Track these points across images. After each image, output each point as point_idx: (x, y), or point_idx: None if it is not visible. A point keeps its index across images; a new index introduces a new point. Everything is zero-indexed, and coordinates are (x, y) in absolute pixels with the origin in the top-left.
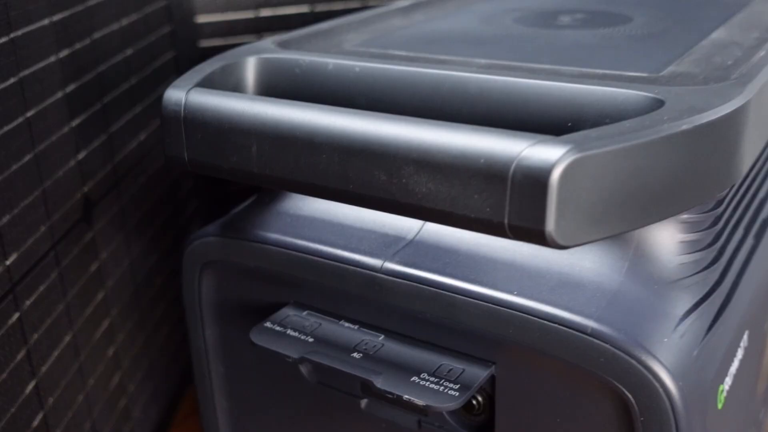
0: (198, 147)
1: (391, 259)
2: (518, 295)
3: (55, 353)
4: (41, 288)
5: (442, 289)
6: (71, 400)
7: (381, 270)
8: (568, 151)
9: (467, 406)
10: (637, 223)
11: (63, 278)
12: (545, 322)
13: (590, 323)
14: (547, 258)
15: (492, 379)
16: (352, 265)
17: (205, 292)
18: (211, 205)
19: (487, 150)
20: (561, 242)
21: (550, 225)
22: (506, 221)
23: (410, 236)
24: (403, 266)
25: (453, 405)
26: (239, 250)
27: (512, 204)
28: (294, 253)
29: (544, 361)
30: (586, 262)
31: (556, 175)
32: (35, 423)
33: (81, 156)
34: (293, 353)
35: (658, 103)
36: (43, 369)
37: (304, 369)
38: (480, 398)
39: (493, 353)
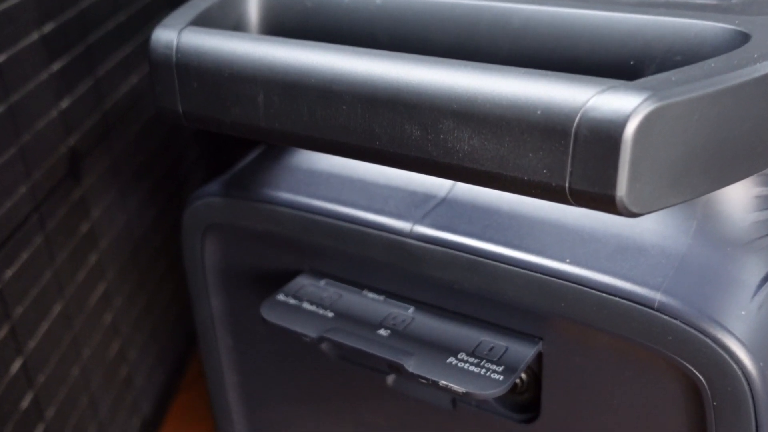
0: (194, 97)
1: (421, 222)
2: (571, 263)
3: (45, 326)
4: (24, 255)
5: (482, 257)
6: (65, 374)
7: (410, 234)
8: (646, 100)
9: None
10: (723, 182)
11: (50, 242)
12: (603, 294)
13: (657, 296)
14: (602, 219)
15: (538, 356)
16: (377, 229)
17: (209, 258)
18: (214, 153)
19: (545, 99)
20: (634, 209)
21: (622, 190)
22: (567, 185)
23: (442, 194)
24: (435, 230)
25: (497, 391)
26: (246, 212)
27: (575, 165)
28: (308, 215)
29: (599, 337)
30: (647, 222)
31: (631, 129)
32: (24, 404)
33: (64, 105)
34: (311, 332)
35: (743, 37)
36: (31, 345)
37: (323, 345)
38: (524, 375)
39: (540, 328)
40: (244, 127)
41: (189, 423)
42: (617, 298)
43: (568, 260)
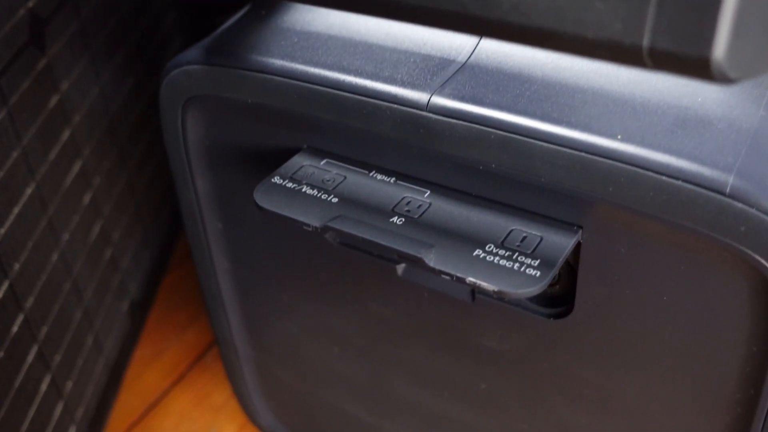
0: None
1: (440, 92)
2: (623, 140)
3: (15, 210)
4: None
5: (514, 132)
6: (43, 260)
7: (427, 107)
8: None
9: None
10: None
11: (13, 119)
12: (663, 177)
13: (729, 179)
14: (657, 85)
15: (576, 246)
16: (387, 101)
17: (191, 134)
18: (196, 15)
19: None
20: (732, 74)
21: (720, 49)
22: (647, 44)
23: (461, 58)
24: (456, 101)
25: (535, 289)
26: (232, 83)
27: (660, 17)
28: (305, 85)
29: (651, 226)
30: (710, 90)
31: None
32: None
33: None
34: (313, 220)
35: None
36: (1, 231)
37: (327, 235)
38: None
39: (580, 215)
40: None
41: (179, 303)
42: (680, 182)
43: (618, 136)
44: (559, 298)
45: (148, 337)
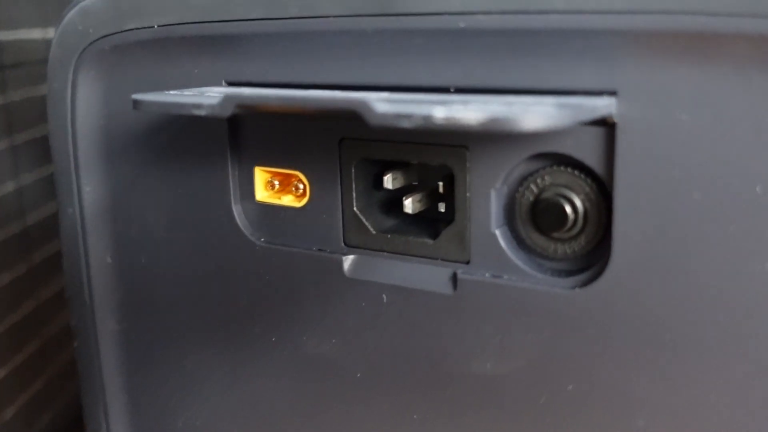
0: None
1: None
2: None
3: None
4: None
5: None
6: None
7: None
8: None
9: (549, 221)
10: None
11: None
12: None
13: None
14: None
15: (607, 144)
16: None
17: (82, 108)
18: None
19: None
20: None
21: None
22: None
23: None
24: None
25: (554, 119)
26: (139, 4)
27: None
28: None
29: (735, 56)
30: None
31: None
32: None
33: None
34: (208, 101)
35: None
36: None
37: (240, 218)
38: (578, 203)
39: (611, 69)
40: None
41: None
42: None
43: None
44: (583, 259)
45: None
